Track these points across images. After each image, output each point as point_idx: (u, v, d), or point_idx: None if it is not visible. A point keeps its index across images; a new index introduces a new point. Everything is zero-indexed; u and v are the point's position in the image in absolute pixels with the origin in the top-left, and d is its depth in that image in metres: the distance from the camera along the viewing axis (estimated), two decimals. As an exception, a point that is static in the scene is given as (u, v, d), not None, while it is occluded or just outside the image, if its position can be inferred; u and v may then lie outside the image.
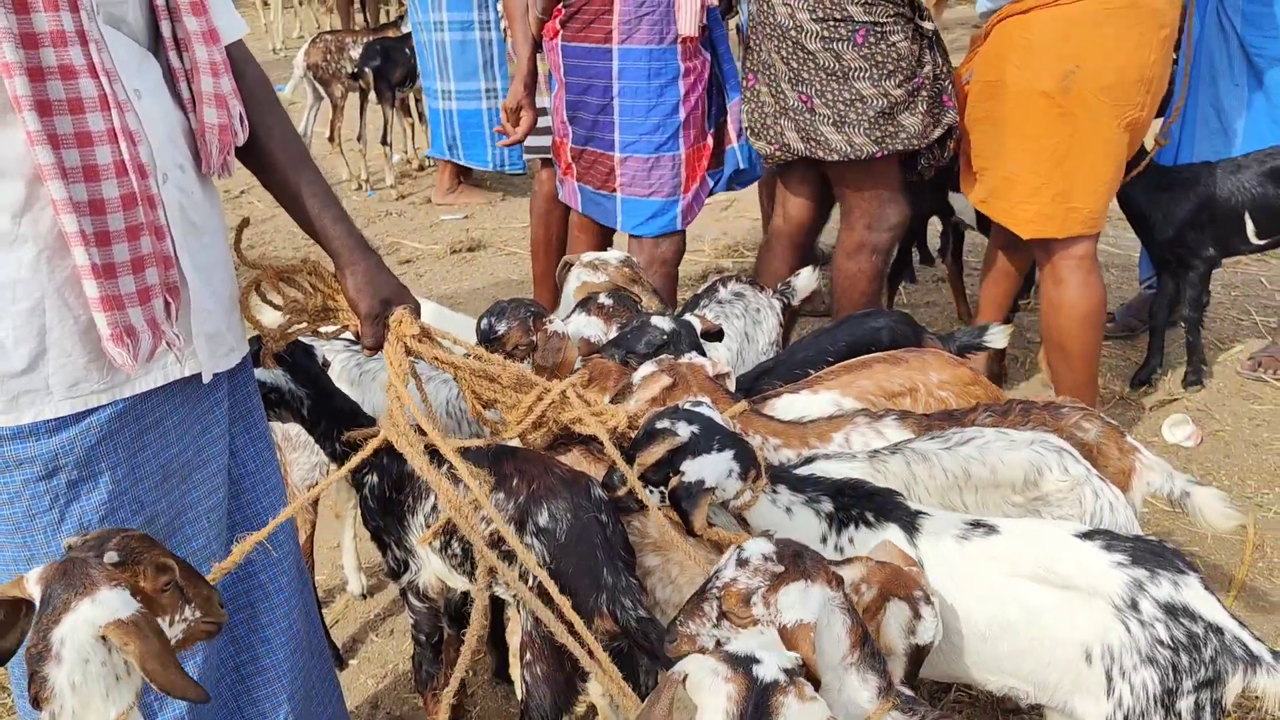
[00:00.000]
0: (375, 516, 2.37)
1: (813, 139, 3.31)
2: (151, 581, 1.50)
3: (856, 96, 3.22)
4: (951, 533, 1.91)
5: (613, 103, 3.49)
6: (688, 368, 2.22)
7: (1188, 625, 1.76)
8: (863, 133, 3.25)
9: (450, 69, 6.28)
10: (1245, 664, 1.75)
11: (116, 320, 1.66)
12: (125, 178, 1.66)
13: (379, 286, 1.99)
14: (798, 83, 3.28)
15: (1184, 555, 1.85)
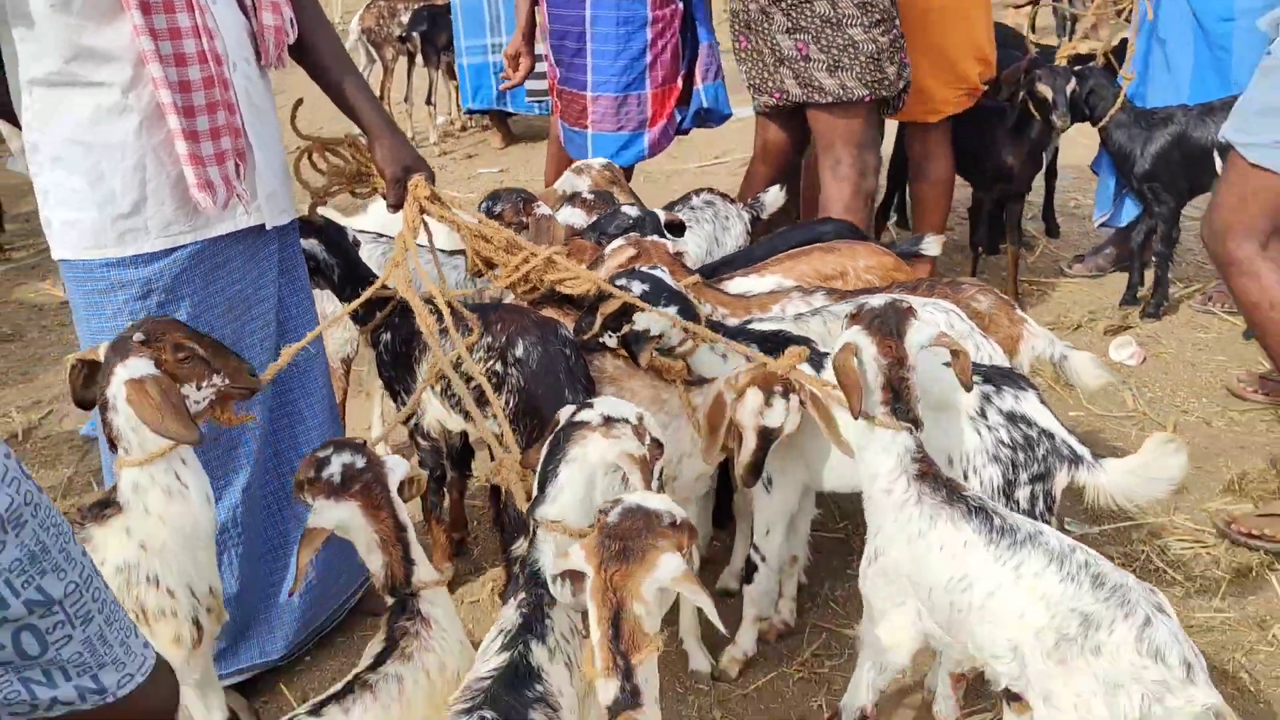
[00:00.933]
0: (388, 369, 2.89)
1: (809, 85, 3.63)
2: (170, 355, 1.92)
3: (849, 42, 3.56)
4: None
5: (586, 47, 3.98)
6: (650, 243, 2.73)
7: (1025, 430, 2.22)
8: (855, 77, 3.59)
9: (501, 24, 6.88)
10: (1070, 462, 2.20)
11: (200, 174, 2.19)
12: (205, 64, 2.19)
13: (402, 156, 2.52)
14: (795, 31, 3.60)
15: (1025, 376, 2.32)
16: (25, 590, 1.34)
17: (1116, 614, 1.73)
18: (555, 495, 1.79)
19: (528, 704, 1.51)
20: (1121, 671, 1.70)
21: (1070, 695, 1.75)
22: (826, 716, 2.45)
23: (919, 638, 2.06)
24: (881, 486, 2.02)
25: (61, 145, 2.18)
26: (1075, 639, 1.74)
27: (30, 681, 1.39)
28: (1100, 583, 1.77)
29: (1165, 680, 1.68)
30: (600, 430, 1.79)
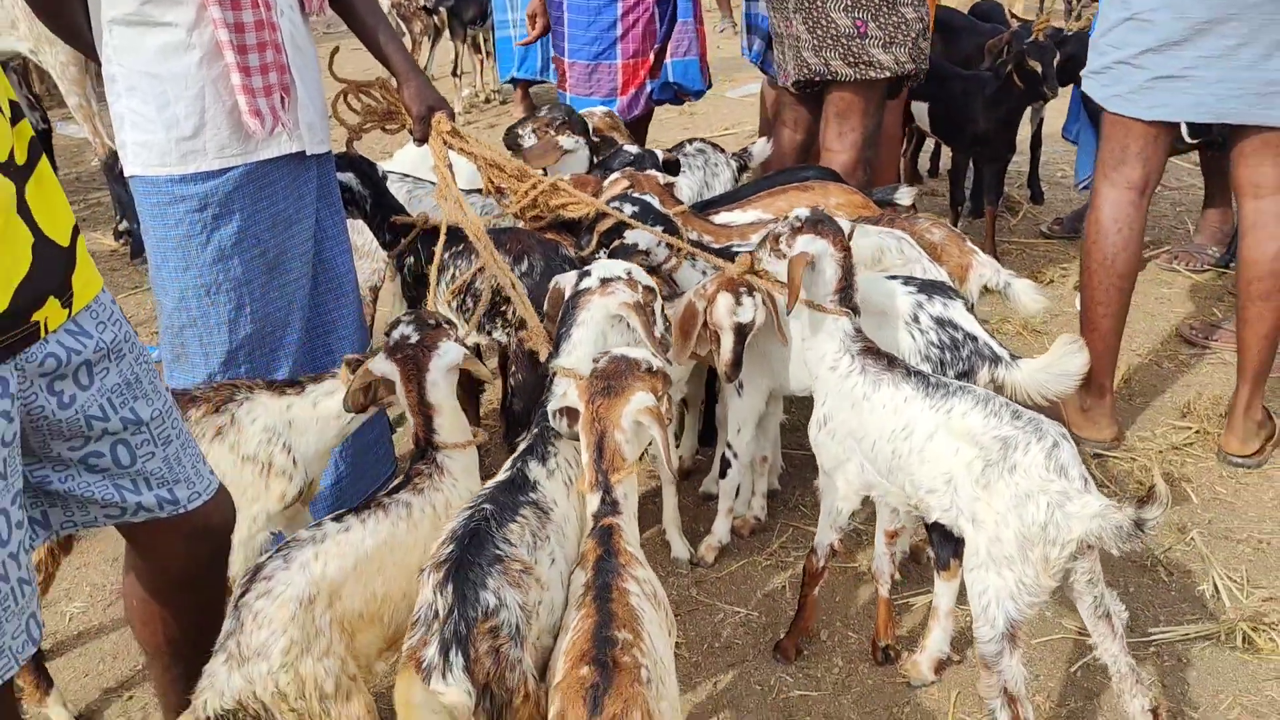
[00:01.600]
0: (411, 289, 3.28)
1: (862, 61, 3.79)
2: None
3: (902, 20, 3.77)
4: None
5: (564, 16, 4.38)
6: (643, 176, 3.10)
7: (952, 333, 2.58)
8: (906, 52, 3.81)
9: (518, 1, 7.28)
10: (990, 361, 2.56)
11: (251, 103, 2.57)
12: (257, 9, 2.55)
13: (426, 96, 2.89)
14: (854, 9, 3.74)
15: (954, 288, 2.68)
16: (121, 410, 1.72)
17: (1030, 437, 2.07)
18: (570, 350, 2.15)
19: (520, 504, 1.87)
20: (1032, 484, 2.04)
21: (993, 513, 2.09)
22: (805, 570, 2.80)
23: (863, 488, 2.42)
24: (828, 364, 2.38)
25: (135, 76, 2.56)
26: (997, 462, 2.08)
27: (121, 488, 1.77)
28: (1017, 415, 2.13)
29: (1066, 491, 2.03)
30: (599, 291, 2.16)
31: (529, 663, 1.67)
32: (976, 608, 2.15)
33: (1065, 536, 2.02)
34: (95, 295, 1.67)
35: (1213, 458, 3.52)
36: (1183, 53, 3.14)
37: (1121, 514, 1.96)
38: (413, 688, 1.48)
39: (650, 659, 1.59)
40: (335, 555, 1.87)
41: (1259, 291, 3.31)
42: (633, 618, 1.65)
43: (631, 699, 1.50)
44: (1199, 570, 3.00)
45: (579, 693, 1.51)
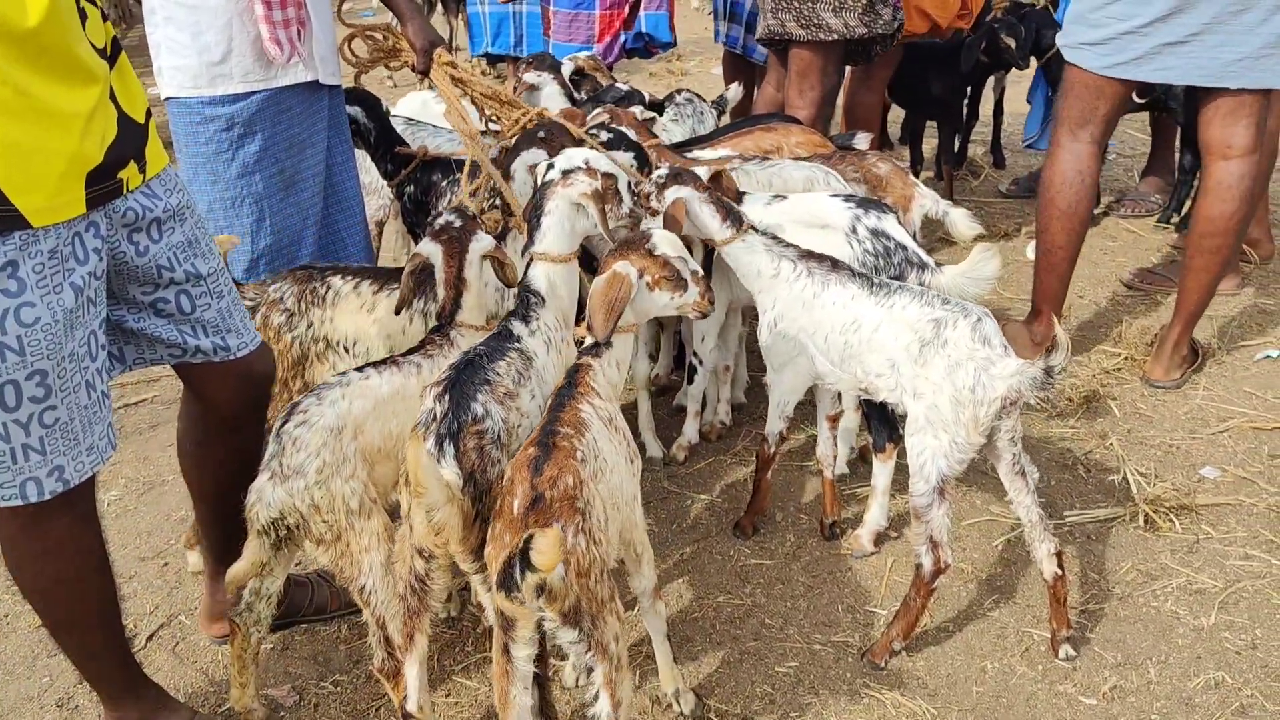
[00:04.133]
0: (410, 215, 3.62)
1: (813, 23, 4.12)
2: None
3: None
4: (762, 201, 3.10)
5: None
6: (622, 111, 3.45)
7: (884, 243, 2.93)
8: (856, 17, 4.12)
9: None
10: (918, 267, 2.90)
11: (272, 33, 2.91)
12: (282, -56, 2.91)
13: (428, 32, 3.24)
14: None
15: (886, 204, 3.03)
16: (184, 264, 2.07)
17: (958, 315, 2.42)
18: (541, 236, 2.47)
19: (507, 349, 2.22)
20: (961, 354, 2.39)
21: (930, 385, 2.43)
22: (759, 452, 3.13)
23: (809, 379, 2.77)
24: (769, 274, 2.71)
25: (172, 7, 2.89)
26: (931, 341, 2.42)
27: (183, 331, 2.12)
28: (946, 301, 2.48)
29: (990, 357, 2.37)
30: (561, 182, 2.50)
31: (505, 465, 2.02)
32: (914, 466, 2.49)
33: (991, 395, 2.37)
34: (164, 167, 2.03)
35: (1137, 380, 3.89)
36: (1188, 19, 3.38)
37: (1035, 367, 2.31)
38: (419, 449, 1.82)
39: (591, 452, 1.93)
40: (358, 396, 2.21)
41: (1210, 246, 3.63)
42: (578, 422, 1.99)
43: (566, 468, 1.85)
44: (1114, 468, 3.36)
45: (524, 462, 1.88)
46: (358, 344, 2.81)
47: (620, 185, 2.57)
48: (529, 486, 1.83)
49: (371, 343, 2.81)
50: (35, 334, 1.76)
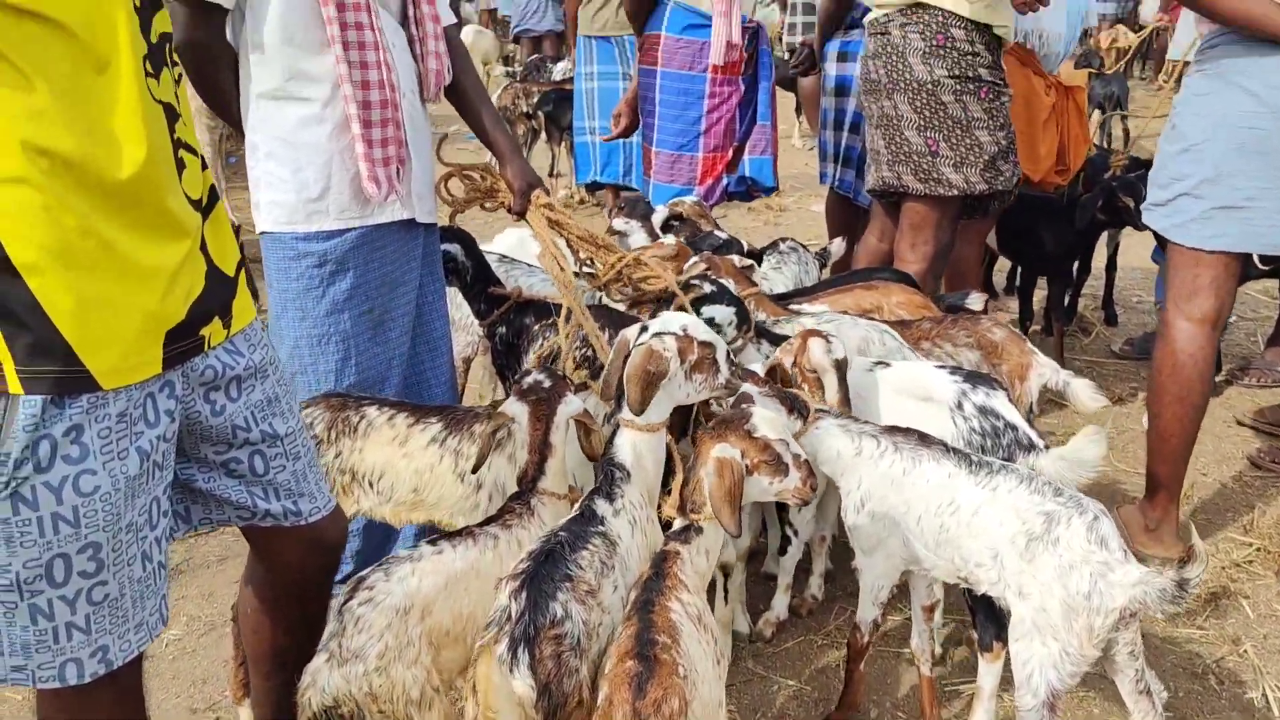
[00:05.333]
0: (501, 356, 3.50)
1: (932, 178, 3.99)
2: None
3: (975, 143, 3.95)
4: (863, 366, 2.91)
5: (655, 109, 4.68)
6: (720, 259, 3.31)
7: (993, 422, 2.71)
8: (978, 173, 3.98)
9: (596, 109, 7.76)
10: (1027, 449, 2.67)
11: (371, 172, 2.84)
12: (383, 90, 2.85)
13: (526, 174, 3.15)
14: (926, 129, 3.96)
15: (996, 379, 2.81)
16: (262, 424, 1.95)
17: (1072, 512, 2.19)
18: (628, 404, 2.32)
19: (590, 534, 2.04)
20: (1075, 556, 2.15)
21: (1037, 585, 2.19)
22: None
23: (902, 564, 2.54)
24: (850, 455, 2.52)
25: (274, 144, 2.85)
26: (1040, 536, 2.20)
27: (254, 494, 1.99)
28: (1059, 492, 2.25)
29: (1108, 561, 2.13)
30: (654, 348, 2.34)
31: (585, 674, 1.82)
32: (1020, 676, 2.24)
33: (1109, 605, 2.12)
34: (250, 321, 1.92)
35: (1271, 575, 3.55)
36: (1239, 182, 3.25)
37: (1163, 578, 2.06)
38: (491, 666, 1.64)
39: (687, 662, 1.75)
40: (429, 572, 2.05)
41: None
42: (671, 627, 1.82)
43: (670, 688, 1.68)
44: (1250, 681, 3.03)
45: (625, 680, 1.69)
46: (384, 478, 2.72)
47: (718, 354, 2.41)
48: (631, 711, 1.65)
49: (399, 479, 2.70)
50: (93, 504, 1.63)
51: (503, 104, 8.31)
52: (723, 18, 4.43)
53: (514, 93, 8.35)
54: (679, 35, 4.53)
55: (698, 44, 4.53)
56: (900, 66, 3.94)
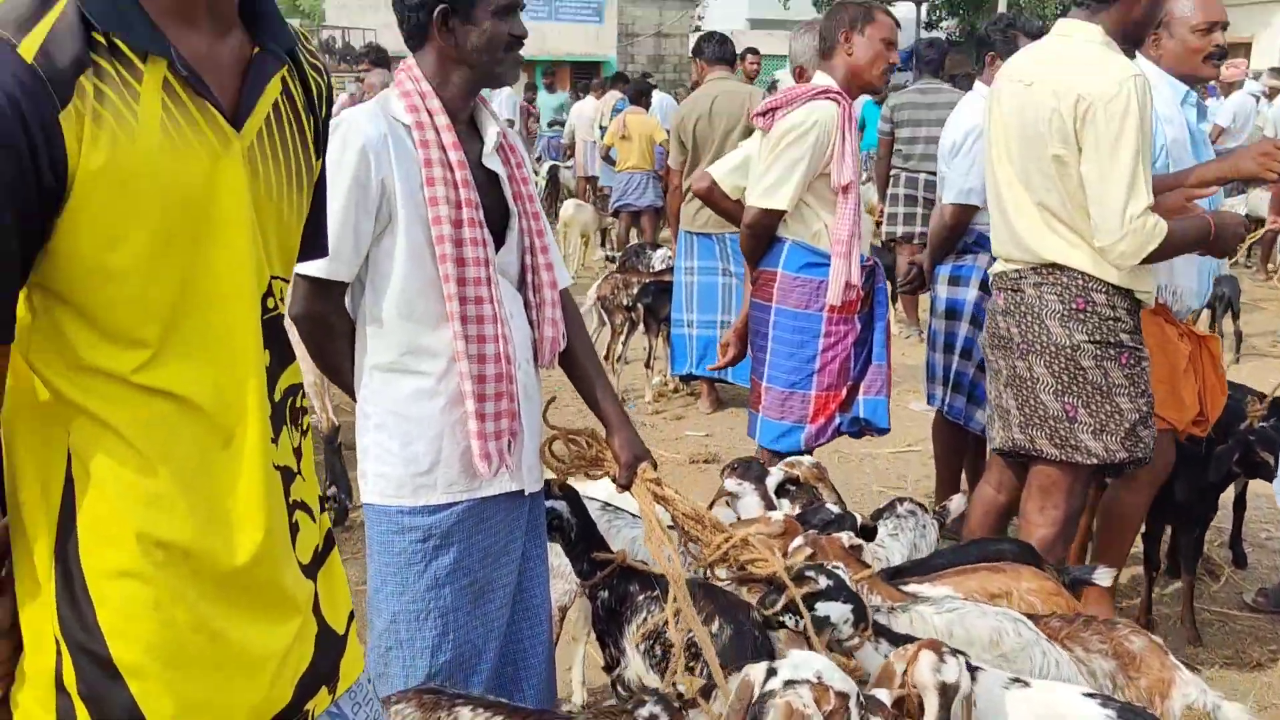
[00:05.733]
0: (602, 622, 3.34)
1: (1069, 444, 3.77)
2: None
3: (1116, 409, 3.73)
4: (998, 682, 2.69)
5: (768, 344, 4.58)
6: (826, 540, 3.14)
7: (1158, 763, 2.46)
8: (1118, 441, 3.74)
9: (695, 303, 7.79)
10: None
11: (483, 447, 2.77)
12: (499, 363, 2.80)
13: (634, 446, 3.04)
14: (1064, 394, 3.75)
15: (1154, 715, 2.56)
16: None
17: None
18: None
19: None
20: None
21: None
22: None
23: None
24: None
25: (385, 415, 2.81)
26: None
27: None
28: None
29: None
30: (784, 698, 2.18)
31: None
32: None
33: None
34: (357, 676, 1.80)
35: None
36: None
37: None
38: None
39: None
40: None
41: None
42: None
43: None
44: None
45: None
46: None
47: (851, 703, 2.23)
48: None
49: None
50: None
51: (602, 294, 8.36)
52: (842, 259, 4.37)
53: (614, 283, 8.40)
54: (796, 273, 4.46)
55: (815, 282, 4.45)
56: (1037, 328, 3.78)
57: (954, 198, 5.24)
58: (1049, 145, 3.60)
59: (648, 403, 8.37)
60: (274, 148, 1.60)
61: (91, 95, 1.35)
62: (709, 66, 7.92)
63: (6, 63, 1.29)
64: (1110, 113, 3.41)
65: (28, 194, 1.31)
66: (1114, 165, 3.43)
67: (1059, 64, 3.65)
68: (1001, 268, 3.94)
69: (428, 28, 2.75)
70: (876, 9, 4.50)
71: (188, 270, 1.46)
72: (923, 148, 8.92)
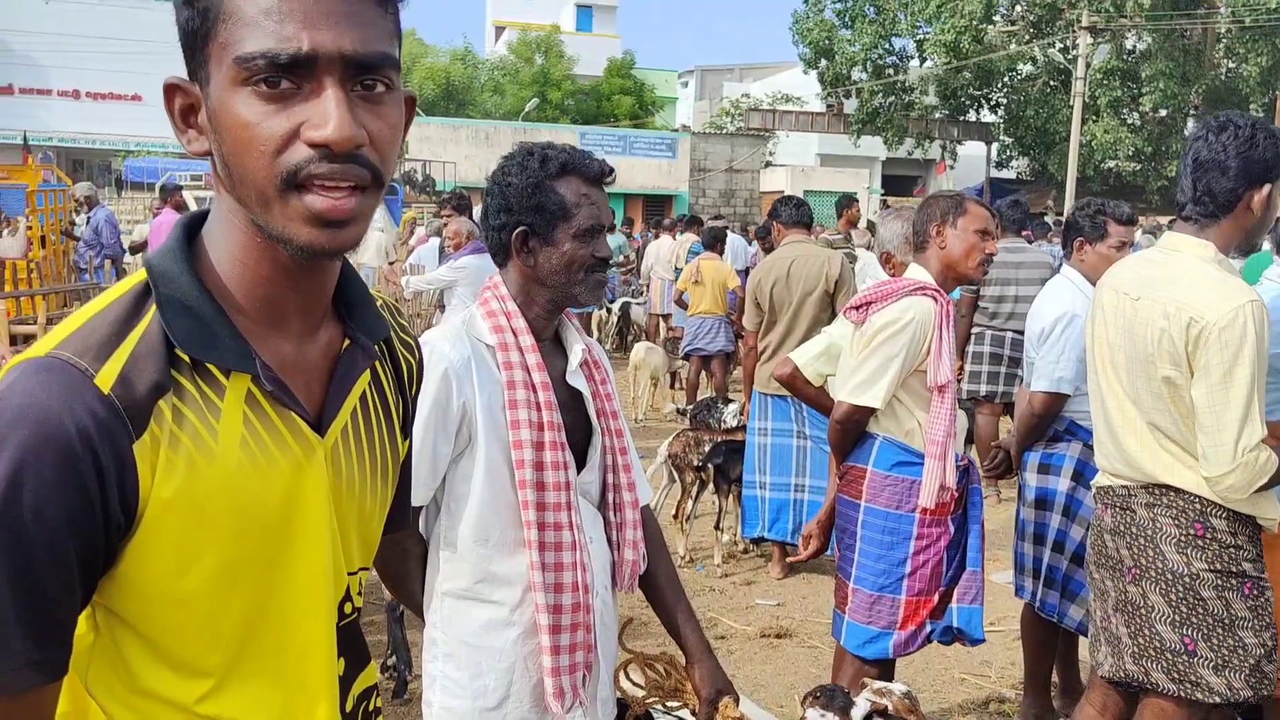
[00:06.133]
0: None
1: (1188, 680, 3.48)
2: None
3: (1239, 644, 3.45)
4: None
5: (855, 544, 4.35)
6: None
7: None
8: (1242, 678, 3.45)
9: (768, 465, 7.65)
10: None
11: (556, 684, 2.62)
12: (576, 593, 2.67)
13: (715, 679, 2.86)
14: (1183, 625, 3.47)
15: None
16: None
17: None
18: None
19: None
20: None
21: None
22: None
23: None
24: None
25: (455, 644, 2.68)
26: None
27: None
28: None
29: None
30: None
31: None
32: None
33: None
34: None
35: None
36: None
37: None
38: None
39: None
40: None
41: None
42: None
43: None
44: None
45: None
46: None
47: None
48: None
49: None
50: None
51: (673, 451, 8.23)
52: (937, 460, 4.17)
53: (685, 441, 8.27)
54: (887, 472, 4.28)
55: (907, 482, 4.25)
56: (1150, 553, 3.54)
57: (1045, 386, 5.06)
58: (1159, 366, 3.43)
59: (716, 565, 8.14)
60: (359, 441, 1.51)
61: (170, 419, 1.27)
62: (786, 229, 7.92)
63: (80, 395, 1.21)
64: (1225, 340, 3.25)
65: (93, 528, 1.22)
66: (1227, 395, 3.25)
67: (1168, 282, 3.49)
68: (1108, 482, 3.73)
69: (509, 247, 2.71)
70: (968, 200, 4.40)
71: (260, 590, 1.36)
72: (1011, 306, 8.88)
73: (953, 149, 48.56)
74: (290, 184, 1.25)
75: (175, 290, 1.31)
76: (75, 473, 1.20)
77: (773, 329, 7.65)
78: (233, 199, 1.32)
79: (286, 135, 1.24)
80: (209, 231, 1.39)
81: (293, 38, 1.22)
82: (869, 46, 45.66)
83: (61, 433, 1.19)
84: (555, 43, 55.23)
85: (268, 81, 1.23)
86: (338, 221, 1.27)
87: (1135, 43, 43.28)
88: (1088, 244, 5.26)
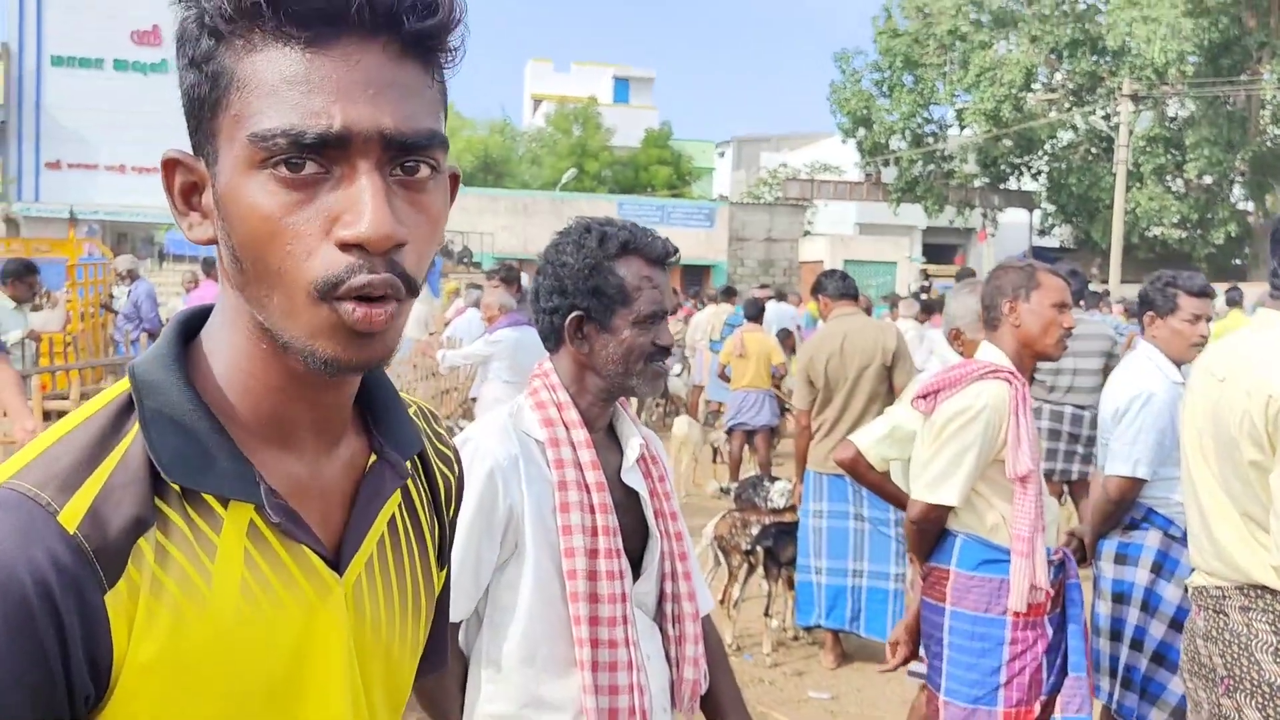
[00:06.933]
0: None
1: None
2: None
3: None
4: None
5: (943, 652, 3.99)
6: None
7: None
8: None
9: (824, 549, 7.33)
10: None
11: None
12: (632, 717, 2.39)
13: None
14: (1245, 693, 3.15)
15: None
16: None
17: None
18: None
19: None
20: None
21: None
22: None
23: None
24: None
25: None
26: None
27: None
28: None
29: None
30: None
31: None
32: None
33: None
34: None
35: None
36: None
37: None
38: None
39: None
40: None
41: None
42: None
43: None
44: None
45: None
46: None
47: None
48: None
49: None
50: None
51: (720, 533, 7.89)
52: (1024, 558, 3.81)
53: (731, 522, 7.93)
54: (972, 572, 3.93)
55: (995, 581, 3.90)
56: (1245, 662, 3.18)
57: (1120, 470, 4.74)
58: (1244, 450, 3.13)
59: (766, 654, 7.75)
60: (386, 576, 1.26)
61: (151, 560, 1.03)
62: (833, 303, 7.66)
63: (40, 537, 0.97)
64: None
65: (53, 701, 0.99)
66: None
67: (1254, 361, 3.21)
68: (1201, 581, 3.40)
69: (562, 332, 2.47)
70: (1041, 271, 4.10)
71: None
72: (1070, 379, 8.49)
73: (993, 217, 48.27)
74: (327, 297, 1.03)
75: (163, 404, 1.08)
76: (29, 636, 0.95)
77: (828, 405, 7.34)
78: (242, 297, 1.09)
79: (318, 234, 1.02)
80: (210, 332, 1.16)
81: (322, 112, 0.99)
82: (907, 115, 45.71)
83: (14, 585, 0.95)
84: (593, 114, 55.88)
85: (289, 164, 1.00)
86: (370, 333, 1.04)
87: (1179, 109, 43.01)
88: (1159, 318, 4.97)
